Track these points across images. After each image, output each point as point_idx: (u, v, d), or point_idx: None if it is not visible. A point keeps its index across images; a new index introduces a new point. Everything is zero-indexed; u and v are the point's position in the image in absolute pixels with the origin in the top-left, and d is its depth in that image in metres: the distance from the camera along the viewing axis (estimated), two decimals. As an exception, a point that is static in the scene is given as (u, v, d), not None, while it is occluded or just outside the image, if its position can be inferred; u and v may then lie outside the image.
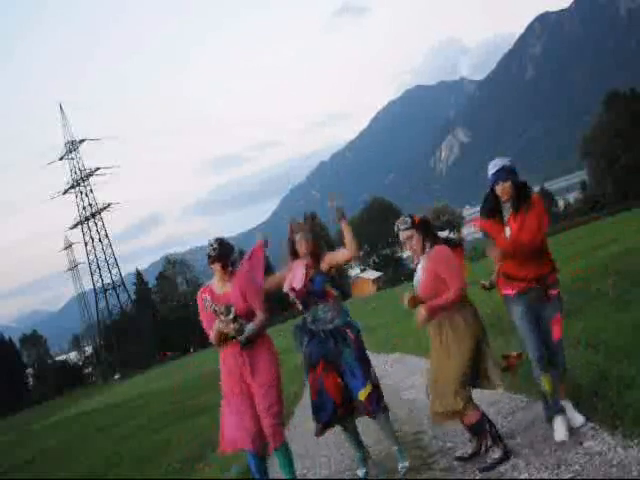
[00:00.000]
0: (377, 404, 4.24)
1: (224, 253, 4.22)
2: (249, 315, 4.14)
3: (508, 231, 4.01)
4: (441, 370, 3.98)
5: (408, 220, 4.08)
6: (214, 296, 4.17)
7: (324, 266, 4.32)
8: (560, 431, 3.93)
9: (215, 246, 4.20)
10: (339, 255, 4.32)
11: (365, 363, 4.26)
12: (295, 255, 4.41)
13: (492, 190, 4.07)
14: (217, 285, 4.24)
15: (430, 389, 4.09)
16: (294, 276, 4.33)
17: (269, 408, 4.10)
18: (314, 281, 4.27)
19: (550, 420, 4.04)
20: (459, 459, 4.22)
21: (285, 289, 4.38)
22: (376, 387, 4.28)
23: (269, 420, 4.10)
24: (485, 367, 4.05)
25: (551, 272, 4.07)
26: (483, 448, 4.05)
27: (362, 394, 4.18)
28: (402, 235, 4.10)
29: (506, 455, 3.90)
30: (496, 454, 3.93)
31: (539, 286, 4.00)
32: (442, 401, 3.93)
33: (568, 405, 4.06)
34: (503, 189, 4.00)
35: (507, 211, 4.06)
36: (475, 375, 4.05)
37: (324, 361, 4.24)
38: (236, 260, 4.36)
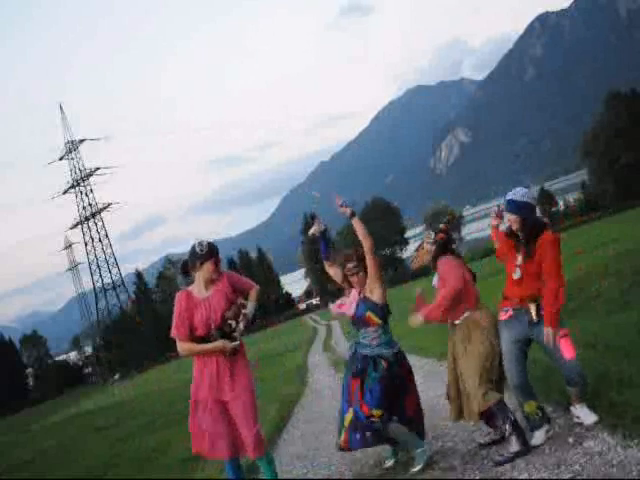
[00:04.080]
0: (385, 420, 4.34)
1: (215, 250, 4.14)
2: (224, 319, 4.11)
3: (520, 259, 4.05)
4: (467, 373, 4.15)
5: (432, 236, 4.41)
6: (194, 300, 4.10)
7: (367, 292, 4.46)
8: (537, 438, 3.99)
9: (205, 244, 4.11)
10: (367, 263, 4.43)
11: (387, 390, 4.32)
12: (350, 283, 4.59)
13: None
14: (196, 290, 4.16)
15: (458, 390, 4.28)
16: (348, 305, 4.59)
17: (248, 416, 4.03)
18: (359, 308, 4.47)
19: (532, 430, 4.05)
20: (482, 446, 4.32)
21: (333, 310, 4.77)
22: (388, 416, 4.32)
23: (249, 429, 4.02)
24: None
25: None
26: (500, 435, 4.11)
27: (375, 412, 4.26)
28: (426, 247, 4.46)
29: (525, 448, 3.92)
30: (513, 447, 3.95)
31: (533, 307, 3.99)
32: (474, 402, 4.10)
33: (583, 407, 4.03)
34: (509, 220, 4.11)
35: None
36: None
37: (359, 381, 4.40)
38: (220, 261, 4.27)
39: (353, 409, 4.30)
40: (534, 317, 3.99)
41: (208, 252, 4.08)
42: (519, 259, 4.05)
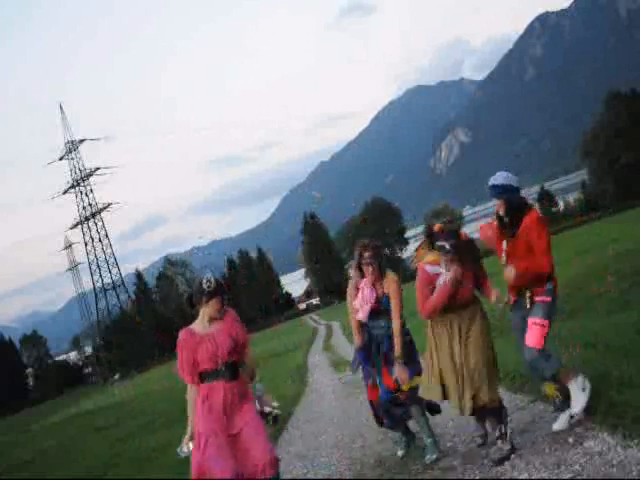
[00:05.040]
0: (412, 398, 4.65)
1: (222, 288, 4.02)
2: (234, 355, 3.98)
3: (505, 244, 4.13)
4: (475, 364, 4.06)
5: (452, 245, 4.09)
6: (196, 337, 3.96)
7: (387, 292, 4.73)
8: (559, 423, 4.04)
9: (212, 280, 3.99)
10: (391, 292, 4.74)
11: (411, 365, 4.70)
12: (361, 272, 4.84)
13: None
14: (200, 325, 4.02)
15: (457, 384, 4.13)
16: (364, 294, 4.79)
17: (260, 435, 3.93)
18: (382, 301, 4.74)
19: (556, 411, 4.16)
20: (481, 446, 4.37)
21: (356, 306, 4.84)
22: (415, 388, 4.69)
23: (263, 448, 3.89)
24: None
25: (540, 282, 4.05)
26: (497, 434, 4.11)
27: (405, 387, 4.59)
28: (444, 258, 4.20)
29: (513, 449, 4.00)
30: (506, 446, 4.01)
31: (528, 295, 4.08)
32: (480, 394, 4.03)
33: (573, 387, 4.04)
34: (497, 205, 4.16)
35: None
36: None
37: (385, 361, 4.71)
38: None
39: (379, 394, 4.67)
40: (527, 305, 4.09)
41: (215, 289, 3.95)
42: (504, 244, 4.12)
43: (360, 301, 4.82)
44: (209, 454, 3.86)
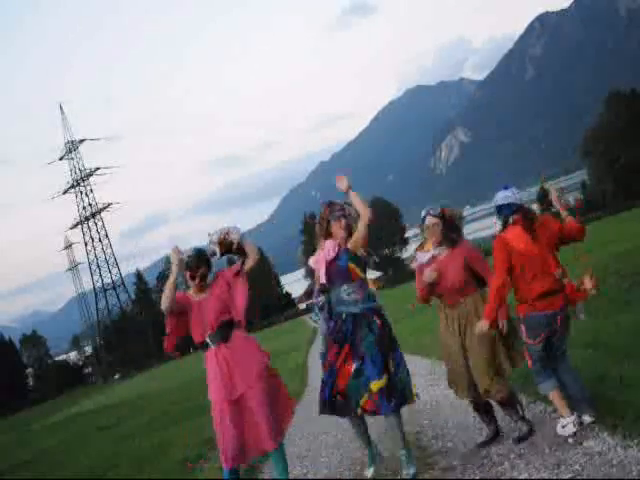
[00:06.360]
0: (388, 401, 3.91)
1: (192, 261, 4.23)
2: (223, 316, 4.12)
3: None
4: (479, 356, 4.17)
5: (438, 209, 4.43)
6: (189, 303, 4.19)
7: (350, 245, 4.09)
8: (565, 427, 4.00)
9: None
10: (357, 227, 4.13)
11: (387, 353, 4.01)
12: (328, 235, 4.20)
13: None
14: (193, 292, 4.27)
15: (475, 373, 4.21)
16: (324, 253, 4.13)
17: (263, 405, 4.02)
18: (340, 258, 4.06)
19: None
20: (481, 445, 4.37)
21: (311, 264, 4.21)
22: (394, 382, 3.98)
23: (265, 419, 4.00)
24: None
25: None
26: (516, 417, 4.22)
27: (375, 385, 3.90)
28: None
29: (531, 430, 4.13)
30: (525, 428, 4.14)
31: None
32: (483, 381, 4.15)
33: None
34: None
35: None
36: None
37: (348, 346, 4.01)
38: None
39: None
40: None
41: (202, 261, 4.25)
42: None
43: (317, 259, 4.13)
44: (218, 423, 4.07)
